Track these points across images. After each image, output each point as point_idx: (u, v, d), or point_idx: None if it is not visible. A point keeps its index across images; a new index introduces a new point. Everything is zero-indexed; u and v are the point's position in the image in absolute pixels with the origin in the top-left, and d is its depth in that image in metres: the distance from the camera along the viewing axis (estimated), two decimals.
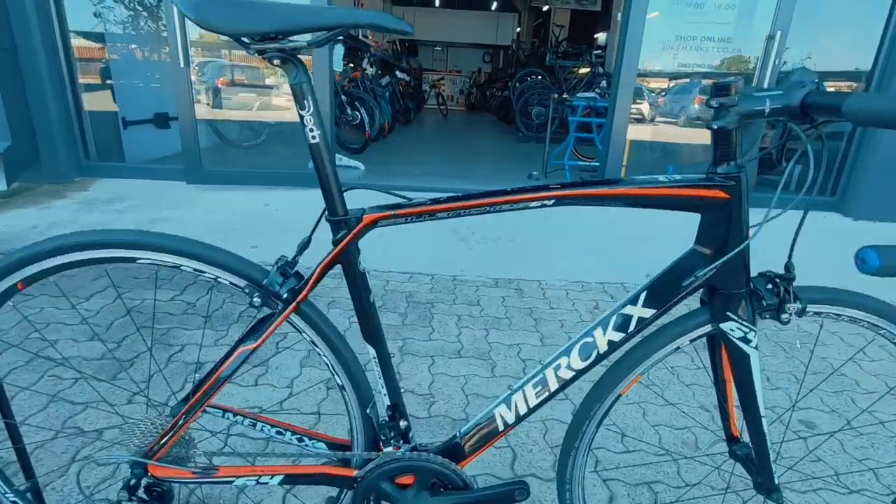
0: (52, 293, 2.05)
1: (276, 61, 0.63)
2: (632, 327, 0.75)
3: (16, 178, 3.33)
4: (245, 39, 0.61)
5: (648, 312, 0.75)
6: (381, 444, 0.84)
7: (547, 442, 1.44)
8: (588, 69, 6.55)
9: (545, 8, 13.27)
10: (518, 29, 15.39)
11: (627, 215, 3.53)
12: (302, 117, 0.65)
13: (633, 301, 0.75)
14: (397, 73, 9.06)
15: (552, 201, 0.69)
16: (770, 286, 0.74)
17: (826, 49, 3.87)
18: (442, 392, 1.63)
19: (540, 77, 7.79)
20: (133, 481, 0.79)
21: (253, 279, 0.72)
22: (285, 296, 0.71)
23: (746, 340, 0.76)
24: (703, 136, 4.67)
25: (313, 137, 0.66)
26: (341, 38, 0.62)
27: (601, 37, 6.45)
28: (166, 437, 0.77)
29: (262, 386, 1.61)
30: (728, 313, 0.74)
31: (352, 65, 7.01)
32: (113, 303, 2.05)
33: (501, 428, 0.81)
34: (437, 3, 15.12)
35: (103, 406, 1.44)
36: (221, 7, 0.60)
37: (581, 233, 3.22)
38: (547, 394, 0.78)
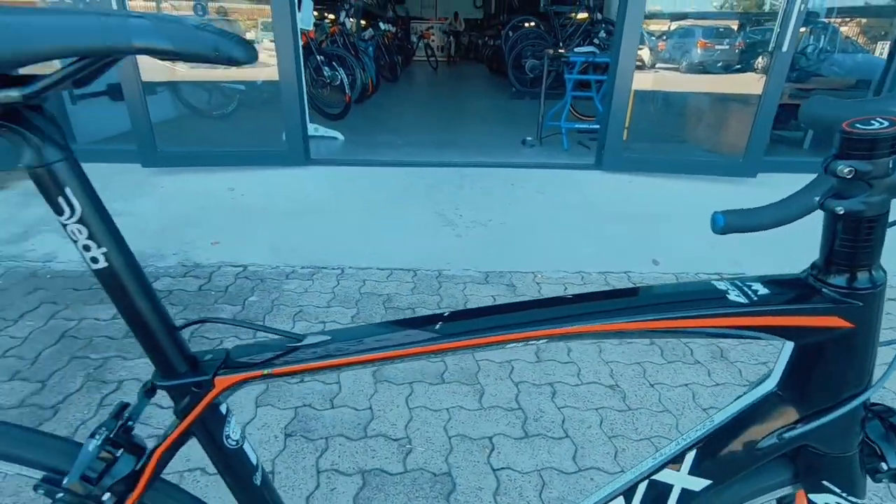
0: None
1: None
2: (672, 503, 0.48)
3: None
4: None
5: (700, 484, 0.47)
6: None
7: None
8: (586, 15, 6.02)
9: None
10: None
11: (630, 187, 3.21)
12: (65, 227, 0.36)
13: (676, 460, 0.48)
14: (381, 24, 8.41)
15: (544, 340, 0.40)
16: (893, 434, 0.46)
17: None
18: (421, 434, 1.40)
19: (533, 24, 7.21)
20: None
21: (51, 468, 0.44)
22: (106, 498, 0.43)
23: None
24: (707, 84, 4.39)
25: (94, 260, 0.37)
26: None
27: None
28: None
29: None
30: (825, 482, 0.48)
31: (329, 18, 6.42)
32: (45, 325, 1.78)
33: None
34: None
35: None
36: None
37: (579, 210, 2.91)
38: None
